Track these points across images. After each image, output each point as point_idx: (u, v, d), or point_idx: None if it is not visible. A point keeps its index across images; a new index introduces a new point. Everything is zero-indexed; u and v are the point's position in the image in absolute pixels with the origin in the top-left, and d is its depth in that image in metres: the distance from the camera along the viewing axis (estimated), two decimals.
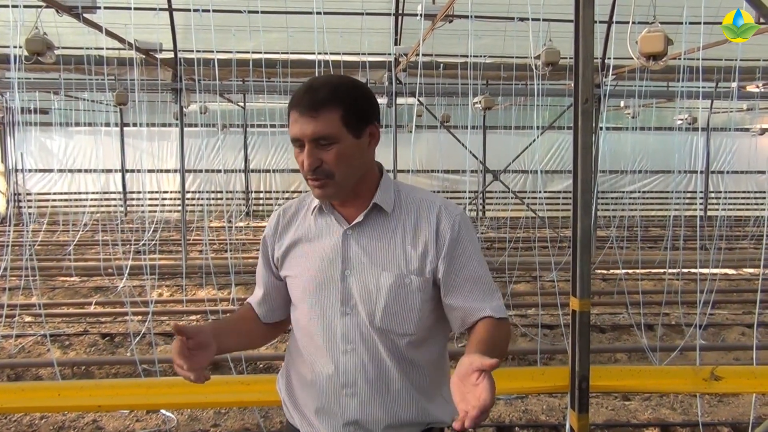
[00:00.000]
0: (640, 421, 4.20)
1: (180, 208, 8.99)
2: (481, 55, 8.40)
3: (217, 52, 6.54)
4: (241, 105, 14.41)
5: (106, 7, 5.92)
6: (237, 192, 15.19)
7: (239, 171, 15.37)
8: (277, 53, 7.70)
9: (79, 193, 14.30)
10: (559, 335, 5.94)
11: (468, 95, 8.45)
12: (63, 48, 6.87)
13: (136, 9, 5.71)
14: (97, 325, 6.37)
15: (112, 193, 14.70)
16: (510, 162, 9.11)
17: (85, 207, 12.60)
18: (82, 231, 11.14)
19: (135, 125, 12.71)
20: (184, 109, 8.67)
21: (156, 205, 13.36)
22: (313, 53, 6.28)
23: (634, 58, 5.20)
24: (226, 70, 7.70)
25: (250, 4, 6.51)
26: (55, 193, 14.47)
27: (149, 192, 14.43)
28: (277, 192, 14.90)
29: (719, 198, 14.57)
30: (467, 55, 6.93)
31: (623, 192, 14.07)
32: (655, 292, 7.23)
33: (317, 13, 5.83)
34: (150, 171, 14.69)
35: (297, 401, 1.60)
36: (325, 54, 5.69)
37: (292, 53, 7.57)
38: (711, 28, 4.72)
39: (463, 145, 8.00)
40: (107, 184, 14.33)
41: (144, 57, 7.54)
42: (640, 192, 14.05)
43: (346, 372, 1.50)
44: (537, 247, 8.13)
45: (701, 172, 14.94)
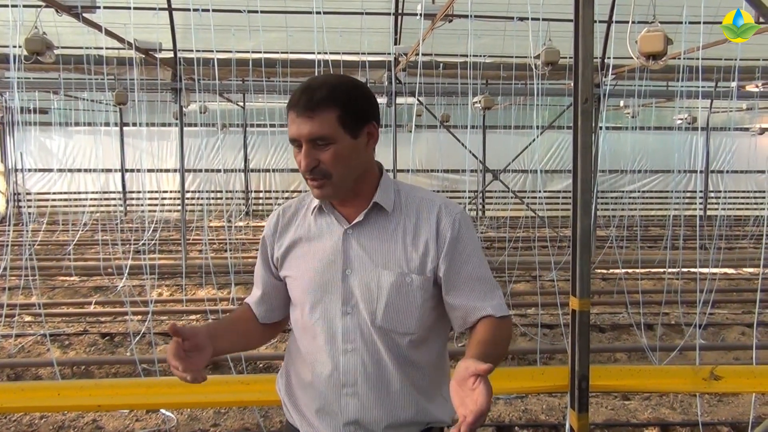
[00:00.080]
0: (640, 421, 4.20)
1: (180, 207, 8.98)
2: (480, 55, 8.40)
3: (216, 51, 6.55)
4: (241, 105, 14.41)
5: (105, 7, 5.93)
6: (237, 192, 15.19)
7: (239, 170, 15.37)
8: (277, 53, 7.69)
9: (79, 192, 14.30)
10: (559, 335, 5.95)
11: (468, 95, 8.46)
12: (62, 48, 6.88)
13: (135, 9, 5.70)
14: (96, 325, 6.37)
15: (111, 192, 14.69)
16: (510, 161, 9.10)
17: (84, 207, 12.59)
18: (82, 231, 11.14)
19: (134, 125, 12.69)
20: (184, 108, 8.66)
21: (156, 205, 13.35)
22: (312, 53, 6.29)
23: (634, 58, 5.20)
24: (226, 70, 7.71)
25: (249, 4, 6.51)
26: (54, 193, 14.48)
27: (149, 192, 14.43)
28: (276, 192, 14.91)
29: (719, 197, 14.57)
30: (467, 55, 6.94)
31: (623, 192, 14.09)
32: (655, 291, 7.22)
33: (317, 12, 5.83)
34: (150, 171, 14.68)
35: (297, 401, 1.59)
36: (325, 54, 5.70)
37: (291, 53, 7.57)
38: (711, 27, 4.73)
39: (462, 144, 8.00)
40: (107, 184, 14.33)
41: (143, 57, 7.53)
42: (639, 192, 14.06)
43: (346, 372, 1.50)
44: (537, 247, 8.12)
45: (701, 171, 14.94)
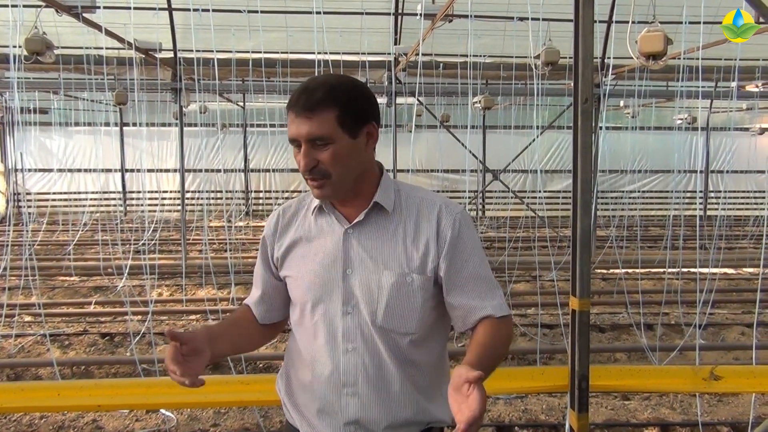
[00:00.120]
0: (640, 421, 4.20)
1: (180, 207, 8.98)
2: (480, 55, 8.39)
3: (216, 51, 6.55)
4: (241, 105, 14.41)
5: (105, 7, 5.93)
6: (236, 192, 15.19)
7: (239, 170, 15.37)
8: (277, 53, 7.69)
9: (79, 192, 14.30)
10: (559, 335, 5.95)
11: (468, 95, 8.46)
12: (62, 48, 6.88)
13: (135, 9, 5.69)
14: (96, 325, 6.37)
15: (111, 192, 14.69)
16: (510, 161, 9.11)
17: (84, 207, 12.58)
18: (82, 231, 11.14)
19: (134, 125, 12.69)
20: (184, 108, 8.66)
21: (156, 205, 13.34)
22: (312, 53, 6.29)
23: (634, 58, 5.20)
24: (226, 70, 7.71)
25: (249, 4, 6.51)
26: (54, 193, 14.48)
27: (149, 192, 14.43)
28: (276, 191, 14.91)
29: (719, 197, 14.57)
30: (467, 55, 6.94)
31: (623, 192, 14.09)
32: (655, 291, 7.22)
33: (317, 12, 5.83)
34: (149, 171, 14.68)
35: (297, 401, 1.59)
36: (325, 54, 5.70)
37: (291, 53, 7.57)
38: (710, 27, 4.73)
39: (462, 144, 8.00)
40: (107, 184, 14.33)
41: (143, 57, 7.53)
42: (639, 192, 14.06)
43: (346, 371, 1.50)
44: (537, 247, 8.12)
45: (701, 171, 14.94)
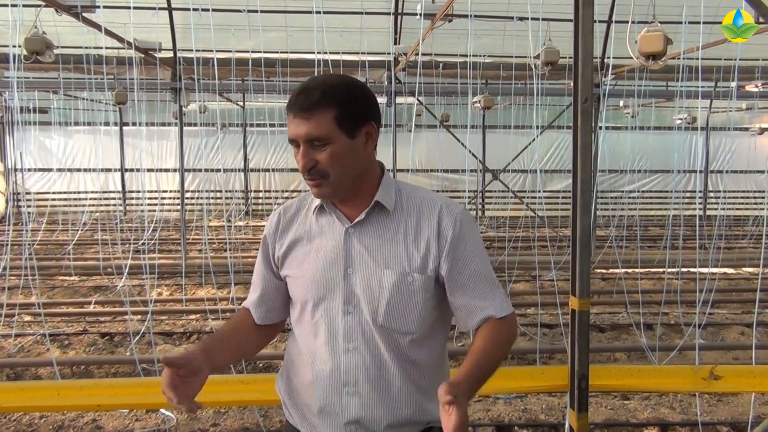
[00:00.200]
0: (640, 421, 4.20)
1: (179, 207, 8.98)
2: (480, 55, 8.39)
3: (216, 51, 6.55)
4: (241, 104, 14.41)
5: (105, 7, 5.92)
6: (236, 191, 15.19)
7: (239, 170, 15.37)
8: (277, 52, 7.69)
9: (79, 192, 14.30)
10: (559, 334, 5.95)
11: (467, 95, 8.47)
12: (62, 47, 6.87)
13: (135, 8, 5.69)
14: (96, 325, 6.37)
15: (111, 192, 14.69)
16: (509, 161, 9.11)
17: (84, 206, 12.58)
18: (82, 230, 11.13)
19: (134, 124, 12.68)
20: (184, 108, 8.66)
21: (155, 205, 13.34)
22: (312, 53, 6.29)
23: (634, 58, 5.20)
24: (226, 70, 7.70)
25: (249, 4, 6.51)
26: (54, 193, 14.49)
27: (148, 191, 14.42)
28: (276, 191, 14.91)
29: (718, 197, 14.58)
30: (467, 55, 6.93)
31: (622, 191, 14.10)
32: (655, 291, 7.22)
33: (316, 12, 5.83)
34: (149, 170, 14.67)
35: (297, 401, 1.59)
36: (325, 53, 5.70)
37: (291, 52, 7.57)
38: (710, 27, 4.73)
39: (462, 144, 8.00)
40: (106, 184, 14.33)
41: (143, 56, 7.52)
42: (639, 191, 14.08)
43: (347, 371, 1.50)
44: (536, 247, 8.11)
45: (700, 171, 14.94)
